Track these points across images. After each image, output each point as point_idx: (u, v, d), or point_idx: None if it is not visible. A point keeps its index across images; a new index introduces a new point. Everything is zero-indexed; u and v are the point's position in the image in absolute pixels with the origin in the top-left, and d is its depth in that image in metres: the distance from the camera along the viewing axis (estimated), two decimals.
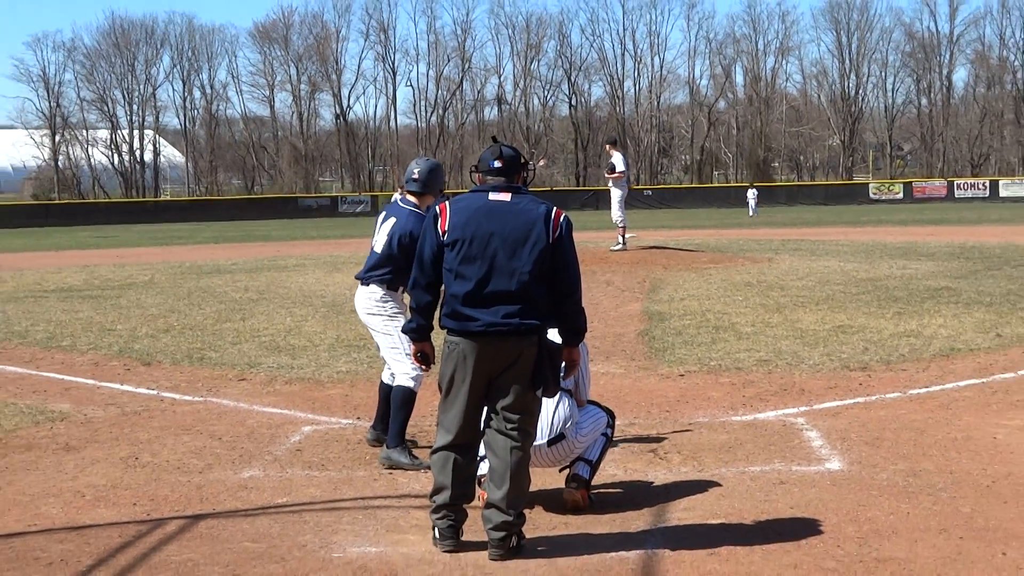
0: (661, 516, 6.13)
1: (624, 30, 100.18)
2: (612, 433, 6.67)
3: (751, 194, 58.23)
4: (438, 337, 5.75)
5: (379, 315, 7.50)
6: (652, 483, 6.79)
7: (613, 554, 5.51)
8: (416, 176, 7.54)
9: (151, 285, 20.90)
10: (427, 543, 5.69)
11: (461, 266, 5.55)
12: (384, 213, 7.72)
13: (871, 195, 73.63)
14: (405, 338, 7.16)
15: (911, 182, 77.48)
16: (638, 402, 9.20)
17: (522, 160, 5.86)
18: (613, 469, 7.09)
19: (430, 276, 5.66)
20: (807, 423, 8.30)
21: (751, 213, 55.33)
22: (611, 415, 6.70)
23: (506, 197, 5.64)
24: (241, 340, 13.02)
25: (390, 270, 7.43)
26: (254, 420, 8.81)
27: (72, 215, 67.72)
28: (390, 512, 6.30)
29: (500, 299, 5.51)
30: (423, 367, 5.98)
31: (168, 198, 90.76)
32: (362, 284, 7.59)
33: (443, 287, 5.69)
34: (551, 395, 5.78)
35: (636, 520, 6.04)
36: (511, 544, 5.52)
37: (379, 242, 7.53)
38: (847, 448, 7.51)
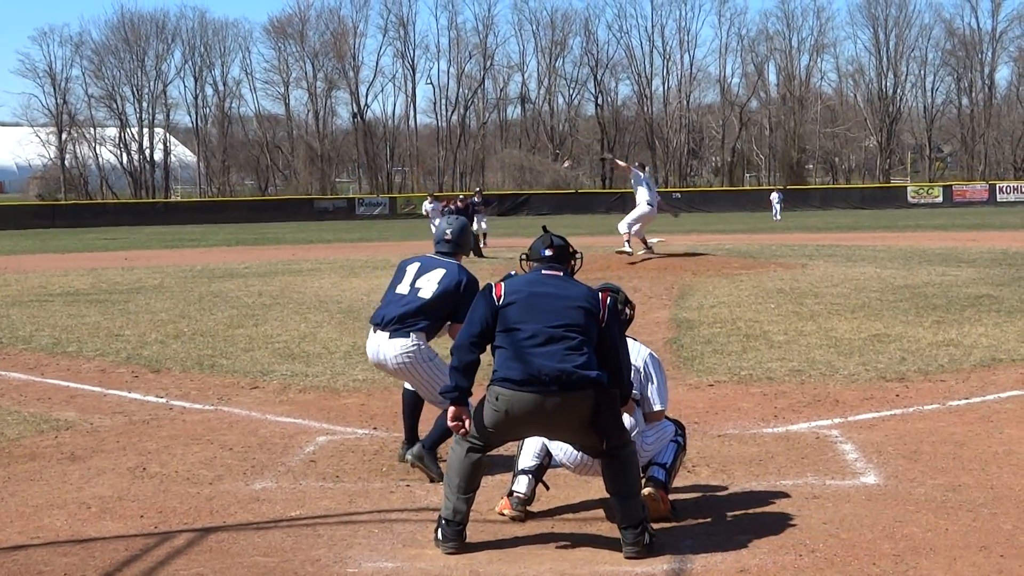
0: (689, 530, 6.00)
1: (653, 26, 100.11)
2: (684, 443, 6.58)
3: (775, 197, 57.98)
4: None
5: (421, 362, 7.23)
6: (680, 497, 6.61)
7: (638, 570, 5.40)
8: (448, 237, 7.53)
9: (161, 289, 20.90)
10: (445, 558, 5.60)
11: (516, 321, 5.74)
12: (419, 263, 7.50)
13: (909, 199, 73.08)
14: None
15: (951, 185, 76.87)
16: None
17: (571, 249, 6.20)
18: None
19: (477, 337, 5.82)
20: (841, 435, 8.13)
21: (775, 217, 55.17)
22: (679, 425, 6.67)
23: (558, 274, 5.99)
24: (254, 347, 12.91)
25: (438, 317, 7.28)
26: (266, 430, 8.68)
27: (79, 216, 67.73)
28: (407, 526, 6.17)
29: (555, 347, 5.64)
30: (461, 432, 5.87)
31: (179, 199, 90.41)
32: (393, 335, 7.24)
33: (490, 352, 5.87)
34: (618, 443, 5.76)
35: (663, 534, 5.88)
36: (645, 541, 5.63)
37: (427, 289, 7.30)
38: (883, 462, 7.35)
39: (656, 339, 12.94)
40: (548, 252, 6.07)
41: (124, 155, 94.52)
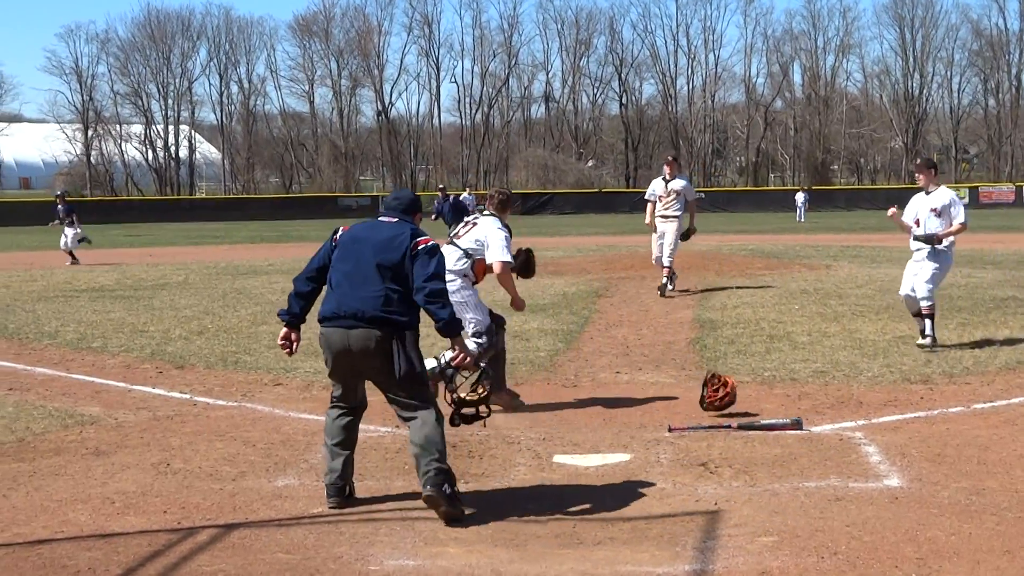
0: (710, 532, 5.97)
1: (677, 26, 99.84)
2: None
3: (800, 198, 57.60)
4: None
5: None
6: (702, 498, 6.62)
7: (660, 571, 5.38)
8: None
9: (185, 286, 21.01)
10: (467, 556, 5.59)
11: (336, 261, 6.55)
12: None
13: None
14: None
15: (977, 186, 76.34)
16: (688, 413, 8.99)
17: (420, 205, 6.96)
18: (661, 483, 6.95)
19: (314, 272, 6.68)
20: (865, 437, 8.08)
21: (799, 218, 54.78)
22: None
23: (392, 220, 6.67)
24: (277, 344, 12.84)
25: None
26: (289, 427, 8.70)
27: (105, 212, 67.83)
28: (429, 524, 6.17)
29: (357, 288, 6.38)
30: (287, 352, 6.87)
31: (203, 196, 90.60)
32: None
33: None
34: (410, 379, 6.44)
35: (684, 536, 5.88)
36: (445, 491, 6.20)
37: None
38: (907, 464, 7.29)
39: (679, 339, 12.92)
40: (394, 201, 6.83)
41: (149, 152, 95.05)
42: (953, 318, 14.15)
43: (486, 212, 9.30)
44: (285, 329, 6.76)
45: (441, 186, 40.97)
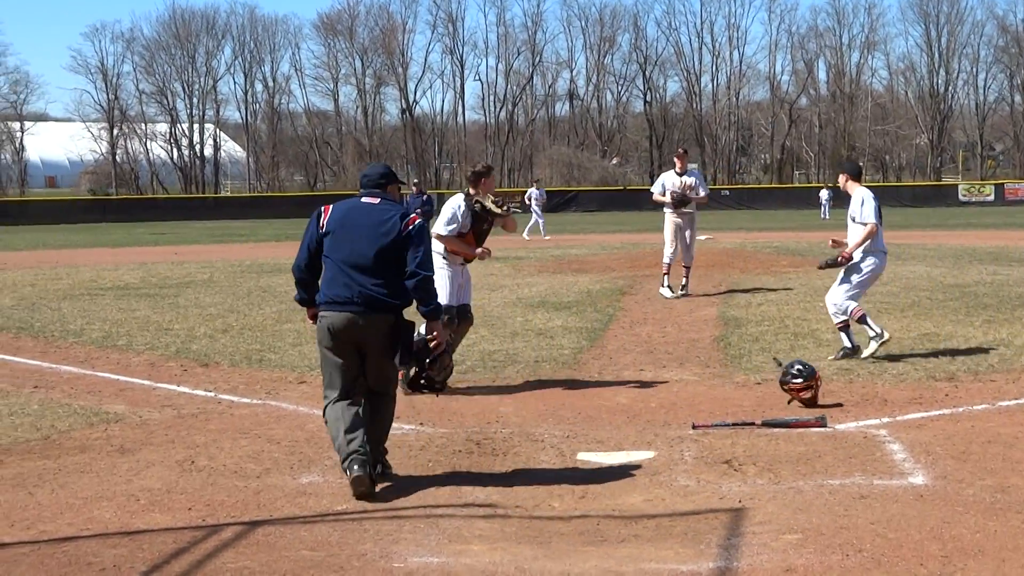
0: (735, 530, 5.95)
1: (702, 23, 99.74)
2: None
3: (824, 195, 57.19)
4: None
5: None
6: (726, 495, 6.60)
7: (684, 568, 5.37)
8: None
9: (210, 284, 21.08)
10: (491, 554, 5.59)
11: (331, 250, 6.88)
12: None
13: (960, 197, 72.15)
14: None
15: (1003, 183, 75.78)
16: (712, 410, 8.98)
17: (394, 176, 7.35)
18: (685, 480, 6.93)
19: (307, 259, 7.03)
20: (889, 435, 8.03)
21: (824, 215, 54.42)
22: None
23: (375, 201, 7.02)
24: (302, 341, 12.95)
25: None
26: (314, 424, 8.68)
27: (130, 210, 68.50)
28: (453, 521, 6.18)
29: (359, 276, 6.75)
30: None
31: (228, 194, 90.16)
32: None
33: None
34: (405, 365, 7.16)
35: (708, 534, 5.87)
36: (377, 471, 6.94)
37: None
38: (931, 462, 7.25)
39: (703, 336, 12.89)
40: (365, 179, 7.17)
41: (174, 150, 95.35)
42: (979, 315, 14.06)
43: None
44: (309, 310, 7.17)
45: (416, 181, 40.54)
